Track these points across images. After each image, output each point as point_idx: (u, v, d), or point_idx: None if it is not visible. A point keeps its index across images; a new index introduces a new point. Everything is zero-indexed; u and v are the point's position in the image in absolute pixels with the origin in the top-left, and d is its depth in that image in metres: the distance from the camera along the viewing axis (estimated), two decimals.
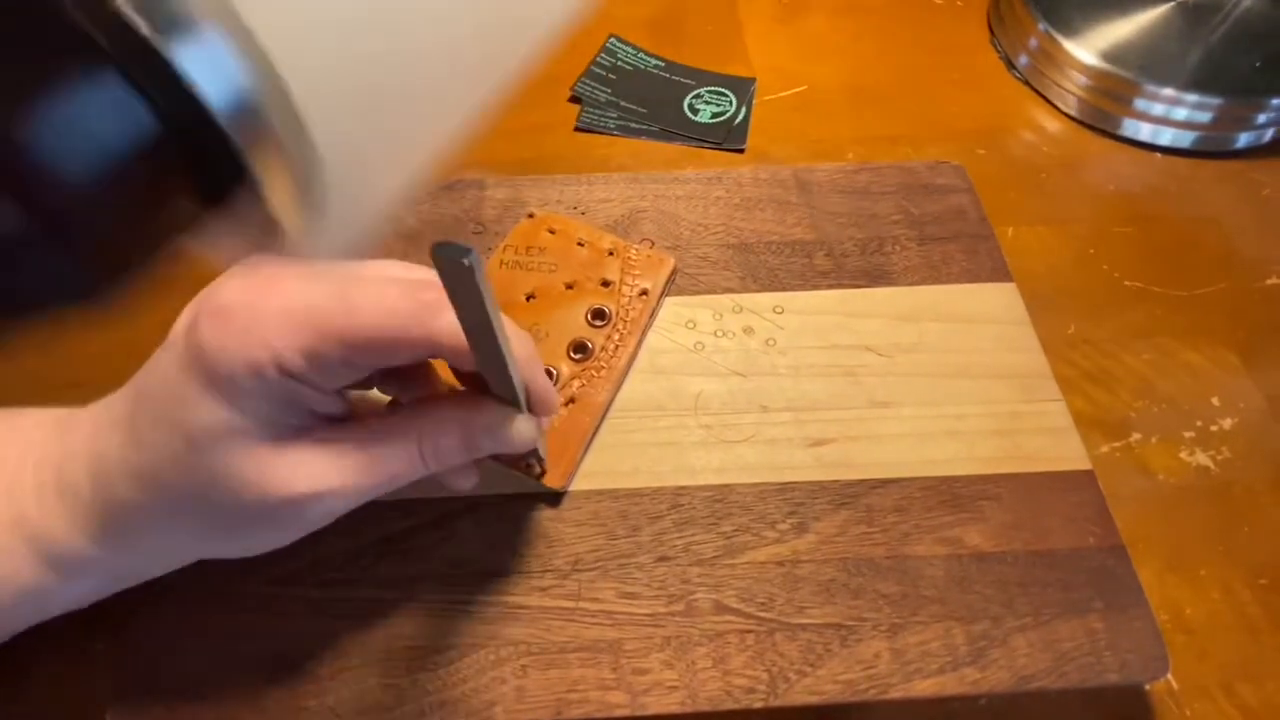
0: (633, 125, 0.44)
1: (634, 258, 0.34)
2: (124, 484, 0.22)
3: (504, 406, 0.23)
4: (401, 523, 0.28)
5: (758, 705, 0.24)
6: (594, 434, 0.30)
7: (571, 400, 0.30)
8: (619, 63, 0.47)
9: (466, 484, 0.26)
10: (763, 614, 0.26)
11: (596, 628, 0.26)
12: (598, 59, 0.47)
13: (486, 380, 0.23)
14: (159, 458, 0.21)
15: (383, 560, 0.27)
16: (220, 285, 0.21)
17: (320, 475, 0.22)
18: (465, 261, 0.18)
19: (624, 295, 0.32)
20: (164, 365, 0.21)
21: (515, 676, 0.25)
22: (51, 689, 0.27)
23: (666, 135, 0.44)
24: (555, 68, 0.47)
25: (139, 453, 0.21)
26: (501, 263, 0.34)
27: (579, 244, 0.34)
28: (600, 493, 0.29)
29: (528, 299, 0.32)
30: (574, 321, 0.32)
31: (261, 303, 0.20)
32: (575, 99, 0.45)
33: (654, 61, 0.47)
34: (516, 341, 0.23)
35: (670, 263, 0.34)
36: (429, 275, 0.22)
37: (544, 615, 0.26)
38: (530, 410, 0.24)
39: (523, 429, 0.24)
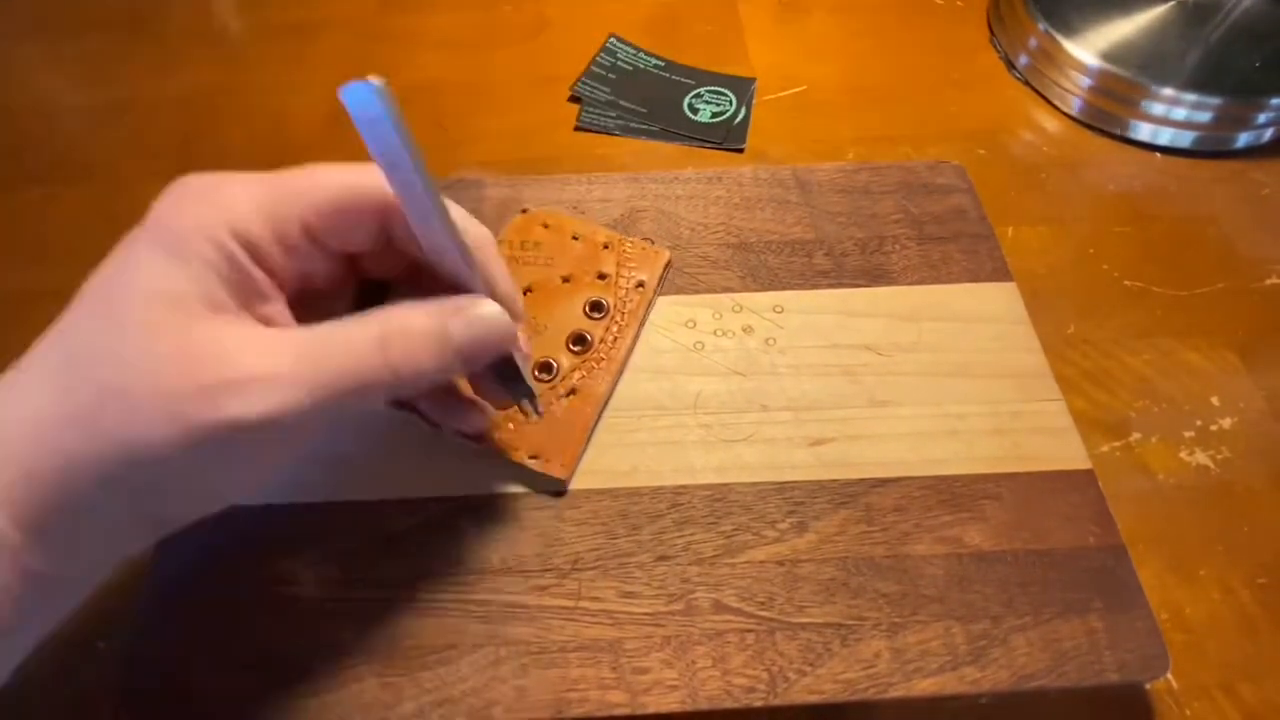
0: (633, 125, 0.44)
1: (629, 251, 0.34)
2: (33, 393, 0.18)
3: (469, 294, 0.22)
4: (401, 522, 0.28)
5: (758, 704, 0.24)
6: (596, 424, 0.30)
7: (573, 391, 0.30)
8: (619, 62, 0.47)
9: (477, 423, 0.24)
10: (762, 613, 0.26)
11: (596, 627, 0.26)
12: (598, 59, 0.47)
13: (434, 263, 0.21)
14: (82, 345, 0.18)
15: (382, 559, 0.27)
16: None
17: (254, 357, 0.18)
18: (372, 82, 0.17)
19: (621, 288, 0.33)
20: (108, 259, 0.20)
21: (515, 676, 0.25)
22: (52, 689, 0.27)
23: (666, 135, 0.44)
24: (555, 68, 0.47)
25: (61, 347, 0.19)
26: None
27: (574, 238, 0.34)
28: (600, 492, 0.29)
29: (525, 292, 0.33)
30: (572, 314, 0.32)
31: (221, 178, 0.20)
32: (575, 99, 0.45)
33: (654, 61, 0.48)
34: (465, 221, 0.22)
35: (665, 255, 0.34)
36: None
37: (544, 614, 0.26)
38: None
39: (493, 309, 0.21)
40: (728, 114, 0.44)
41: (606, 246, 0.34)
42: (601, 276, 0.33)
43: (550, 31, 0.50)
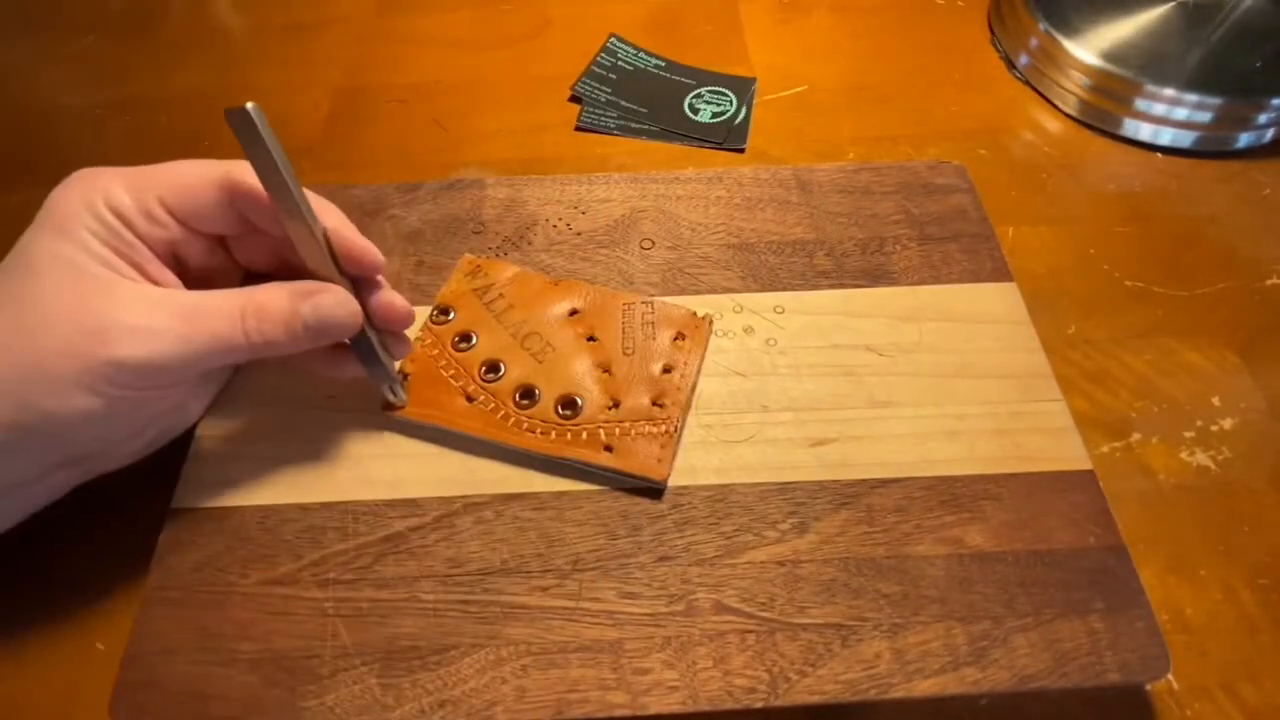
0: (633, 125, 0.44)
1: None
2: None
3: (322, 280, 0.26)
4: (401, 522, 0.28)
5: (758, 705, 0.24)
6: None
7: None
8: (619, 62, 0.47)
9: (339, 372, 0.28)
10: (763, 614, 0.26)
11: (597, 627, 0.26)
12: (598, 59, 0.47)
13: (299, 250, 0.25)
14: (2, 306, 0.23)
15: (383, 560, 0.27)
16: None
17: (139, 309, 0.23)
18: (245, 111, 0.22)
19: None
20: (19, 241, 0.24)
21: (515, 676, 0.25)
22: (51, 689, 0.27)
23: (667, 135, 0.44)
24: (555, 67, 0.47)
25: None
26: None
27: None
28: (601, 492, 0.29)
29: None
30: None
31: (103, 169, 0.25)
32: (575, 99, 0.45)
33: (654, 61, 0.47)
34: (325, 210, 0.26)
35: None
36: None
37: (544, 615, 0.26)
38: (360, 294, 0.27)
39: (337, 296, 0.26)
40: (728, 114, 0.44)
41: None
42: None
43: (550, 31, 0.50)
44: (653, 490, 0.28)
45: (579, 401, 0.30)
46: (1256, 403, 0.33)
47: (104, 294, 0.23)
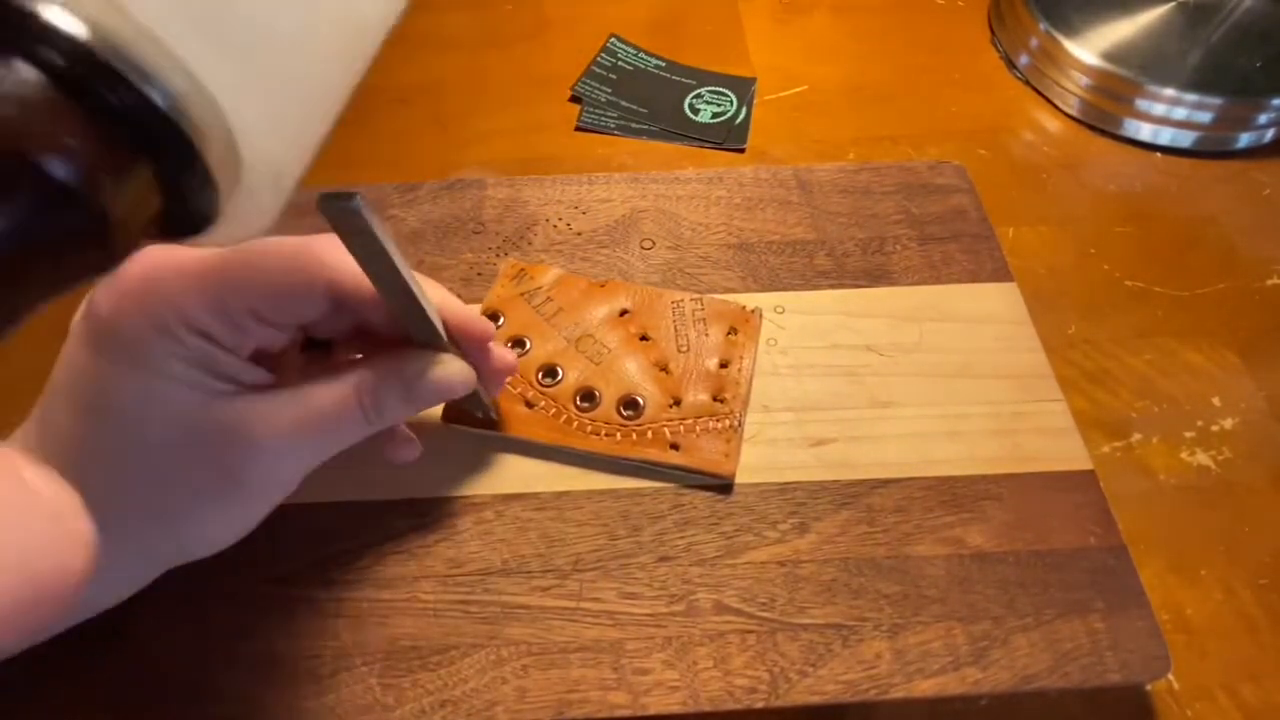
0: (633, 125, 0.44)
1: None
2: (64, 470, 0.20)
3: (433, 351, 0.24)
4: (403, 522, 0.28)
5: (759, 705, 0.24)
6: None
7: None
8: (619, 63, 0.47)
9: (408, 455, 0.26)
10: (764, 614, 0.26)
11: (597, 628, 0.26)
12: (598, 59, 0.47)
13: (410, 330, 0.24)
14: (81, 449, 0.21)
15: (384, 560, 0.27)
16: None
17: (255, 427, 0.21)
18: (351, 205, 0.18)
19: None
20: (69, 357, 0.21)
21: (516, 676, 0.25)
22: (52, 689, 0.27)
23: (667, 135, 0.44)
24: (556, 67, 0.47)
25: (60, 452, 0.21)
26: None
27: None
28: (601, 492, 0.29)
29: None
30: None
31: (156, 270, 0.20)
32: (576, 99, 0.45)
33: (654, 61, 0.47)
34: (428, 286, 0.24)
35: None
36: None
37: (545, 615, 0.26)
38: (462, 351, 0.25)
39: (454, 366, 0.24)
40: (728, 114, 0.44)
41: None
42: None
43: (551, 31, 0.50)
44: (654, 491, 0.28)
45: (640, 401, 0.30)
46: (1257, 403, 0.33)
47: (219, 427, 0.21)
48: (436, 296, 0.24)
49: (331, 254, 0.22)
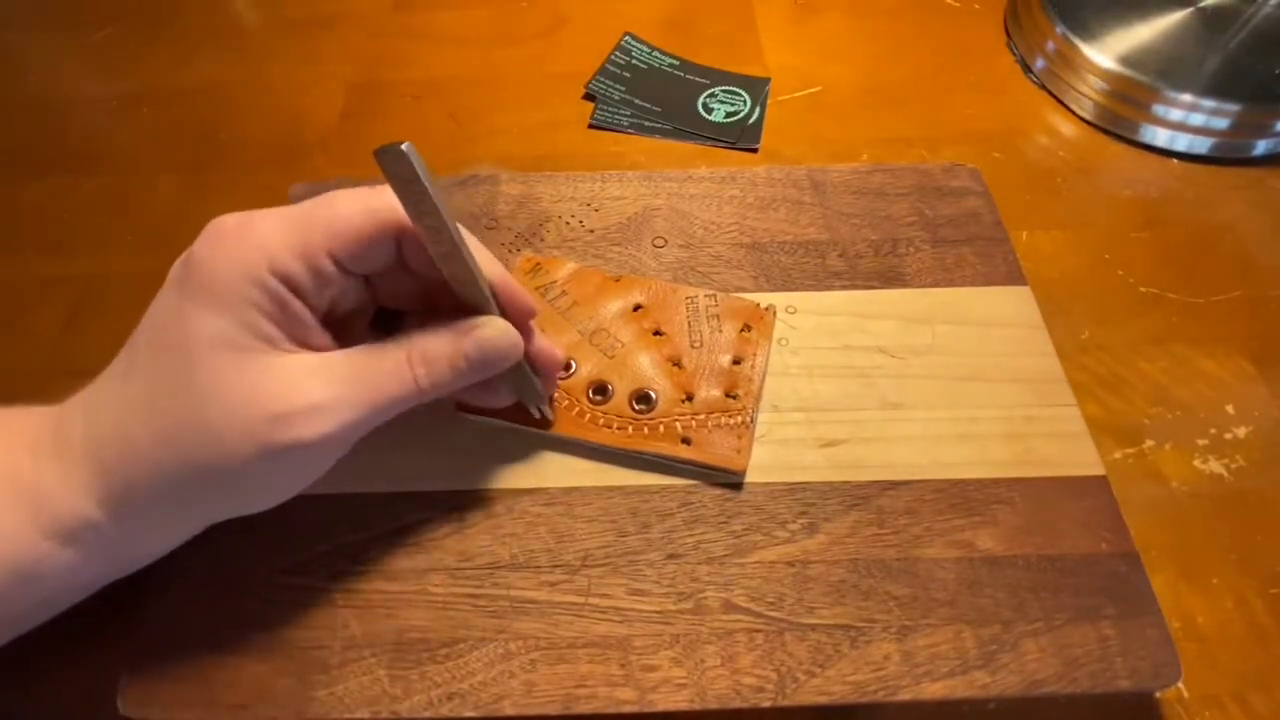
0: (646, 124, 0.44)
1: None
2: (117, 416, 0.21)
3: (481, 315, 0.25)
4: (412, 515, 0.28)
5: (766, 704, 0.24)
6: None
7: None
8: (634, 61, 0.47)
9: (500, 400, 0.27)
10: (772, 613, 0.26)
11: (605, 624, 0.26)
12: (612, 57, 0.47)
13: (454, 288, 0.24)
14: (155, 381, 0.21)
15: (393, 552, 0.27)
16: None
17: (312, 386, 0.22)
18: (400, 149, 0.20)
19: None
20: (160, 300, 0.22)
21: (524, 671, 0.25)
22: (62, 675, 0.27)
23: (680, 134, 0.44)
24: (570, 65, 0.47)
25: (134, 383, 0.22)
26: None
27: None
28: (611, 489, 0.29)
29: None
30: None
31: (252, 219, 0.22)
32: (589, 96, 0.45)
33: (669, 60, 0.47)
34: (479, 252, 0.25)
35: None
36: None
37: (553, 610, 0.26)
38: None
39: (499, 325, 0.25)
40: (742, 114, 0.44)
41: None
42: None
43: (565, 29, 0.50)
44: (663, 488, 0.28)
45: (653, 396, 0.30)
46: (1271, 411, 0.33)
47: (273, 376, 0.21)
48: (487, 265, 0.25)
49: (399, 205, 0.23)
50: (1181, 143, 0.42)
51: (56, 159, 0.44)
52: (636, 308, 0.33)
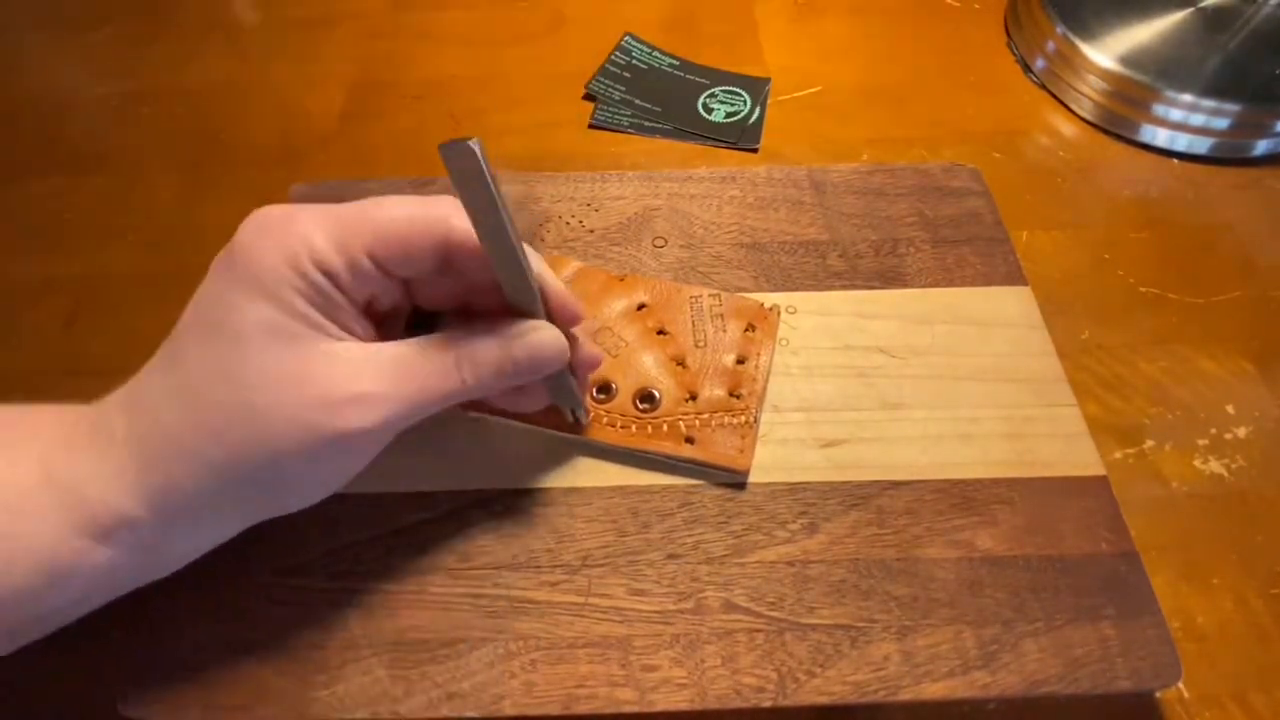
0: (646, 124, 0.44)
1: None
2: (161, 408, 0.21)
3: (529, 319, 0.25)
4: (412, 515, 0.28)
5: (766, 705, 0.24)
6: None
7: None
8: (634, 61, 0.47)
9: (533, 405, 0.27)
10: (772, 613, 0.26)
11: (605, 624, 0.26)
12: (612, 57, 0.47)
13: (506, 290, 0.24)
14: (202, 371, 0.21)
15: (394, 552, 0.27)
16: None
17: (362, 376, 0.22)
18: (468, 144, 0.20)
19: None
20: (204, 291, 0.22)
21: (524, 671, 0.25)
22: (65, 674, 0.27)
23: (680, 134, 0.44)
24: (570, 65, 0.47)
25: (179, 374, 0.21)
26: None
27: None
28: (611, 489, 0.29)
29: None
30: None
31: (296, 210, 0.22)
32: (590, 96, 0.45)
33: (669, 60, 0.47)
34: (532, 256, 0.25)
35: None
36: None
37: (553, 610, 0.26)
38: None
39: (549, 332, 0.25)
40: (742, 114, 0.44)
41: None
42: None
43: (566, 29, 0.50)
44: (663, 489, 0.28)
45: (656, 395, 0.30)
46: (1271, 411, 0.33)
47: (323, 362, 0.21)
48: (537, 269, 0.25)
49: (450, 213, 0.23)
50: (1181, 143, 0.42)
51: (56, 159, 0.44)
52: (640, 307, 0.33)
